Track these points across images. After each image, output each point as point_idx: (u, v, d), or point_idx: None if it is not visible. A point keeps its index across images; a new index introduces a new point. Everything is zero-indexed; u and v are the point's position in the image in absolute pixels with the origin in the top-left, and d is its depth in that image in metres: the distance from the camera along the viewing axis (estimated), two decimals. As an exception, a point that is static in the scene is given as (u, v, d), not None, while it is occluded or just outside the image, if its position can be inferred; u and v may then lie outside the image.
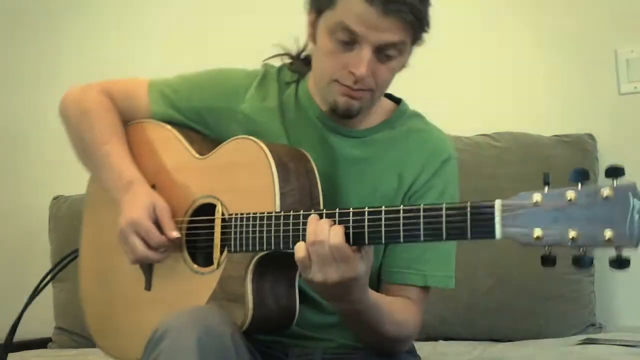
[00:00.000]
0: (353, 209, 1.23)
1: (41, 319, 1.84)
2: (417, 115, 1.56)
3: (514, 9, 2.38)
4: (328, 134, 1.48)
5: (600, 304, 2.16)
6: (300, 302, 1.41)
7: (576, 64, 2.31)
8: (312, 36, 1.44)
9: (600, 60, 2.29)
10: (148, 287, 1.51)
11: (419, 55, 2.43)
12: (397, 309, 1.38)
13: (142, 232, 1.42)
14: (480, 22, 2.41)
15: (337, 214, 1.24)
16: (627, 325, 2.19)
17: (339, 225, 1.21)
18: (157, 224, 1.44)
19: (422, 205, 1.17)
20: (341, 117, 1.43)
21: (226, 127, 1.52)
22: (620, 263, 1.01)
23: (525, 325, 2.08)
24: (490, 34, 2.40)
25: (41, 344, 2.48)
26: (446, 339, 2.09)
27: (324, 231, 1.21)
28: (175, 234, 1.43)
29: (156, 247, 1.43)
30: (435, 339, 2.08)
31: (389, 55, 1.37)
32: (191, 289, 1.42)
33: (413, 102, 2.38)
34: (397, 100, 1.57)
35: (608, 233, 1.00)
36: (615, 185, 1.01)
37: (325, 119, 1.48)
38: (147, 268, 1.51)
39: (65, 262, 1.77)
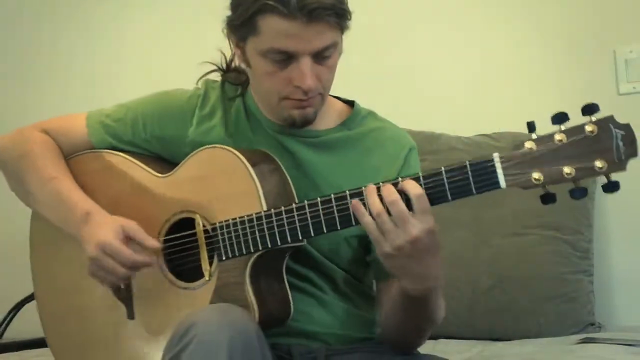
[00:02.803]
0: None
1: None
2: (371, 114, 1.55)
3: (513, 8, 2.39)
4: (285, 139, 1.48)
5: (599, 303, 2.17)
6: (301, 298, 1.43)
7: (575, 64, 2.31)
8: (243, 59, 1.44)
9: (599, 61, 2.29)
10: (131, 315, 1.48)
11: (419, 55, 2.46)
12: None
13: (112, 253, 1.39)
14: (480, 22, 2.42)
15: (332, 199, 1.29)
16: (626, 325, 2.19)
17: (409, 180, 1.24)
18: (129, 246, 1.41)
19: (420, 173, 1.24)
20: (300, 128, 1.44)
21: (177, 152, 1.51)
22: (612, 186, 1.16)
23: (525, 325, 2.09)
24: (490, 34, 2.41)
25: (41, 343, 2.48)
26: (446, 337, 2.10)
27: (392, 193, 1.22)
28: (154, 242, 1.41)
29: (130, 266, 1.40)
30: (436, 338, 2.08)
31: (326, 55, 1.38)
32: (183, 306, 1.40)
33: (413, 102, 2.41)
34: (351, 103, 1.56)
35: (599, 163, 1.14)
36: (594, 120, 1.15)
37: (277, 126, 1.48)
38: (126, 296, 1.47)
39: (16, 310, 1.73)
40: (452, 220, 2.13)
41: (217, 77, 1.58)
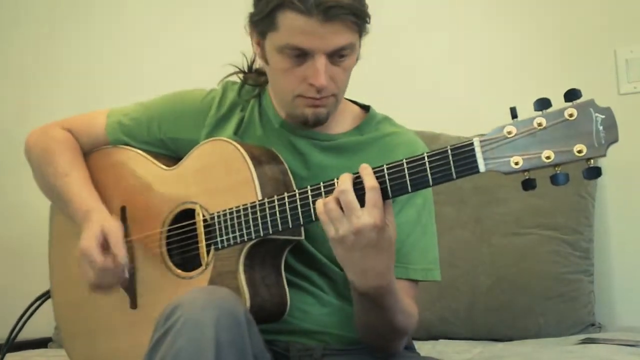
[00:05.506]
0: (336, 179, 1.27)
1: (41, 319, 1.84)
2: (386, 119, 1.57)
3: (513, 9, 2.39)
4: (296, 140, 1.51)
5: (599, 303, 2.17)
6: (301, 296, 1.44)
7: (575, 64, 2.31)
8: (262, 56, 1.46)
9: (600, 61, 2.29)
10: (134, 305, 1.53)
11: (420, 55, 2.46)
12: (404, 297, 1.38)
13: (88, 260, 1.45)
14: (480, 22, 2.42)
15: (322, 187, 1.29)
16: (626, 325, 2.19)
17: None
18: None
19: (404, 160, 1.22)
20: (312, 127, 1.46)
21: (189, 152, 1.53)
22: (593, 172, 1.12)
23: (525, 325, 2.09)
24: (490, 34, 2.41)
25: (42, 343, 2.48)
26: (446, 338, 2.10)
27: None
28: (121, 254, 1.44)
29: (101, 271, 1.44)
30: (435, 338, 2.09)
31: (343, 55, 1.39)
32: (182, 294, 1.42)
33: (413, 102, 2.41)
34: (367, 108, 1.58)
35: (579, 147, 1.12)
36: (575, 104, 1.13)
37: (290, 126, 1.50)
38: (129, 286, 1.52)
39: (35, 305, 1.78)
40: (451, 220, 2.13)
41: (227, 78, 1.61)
